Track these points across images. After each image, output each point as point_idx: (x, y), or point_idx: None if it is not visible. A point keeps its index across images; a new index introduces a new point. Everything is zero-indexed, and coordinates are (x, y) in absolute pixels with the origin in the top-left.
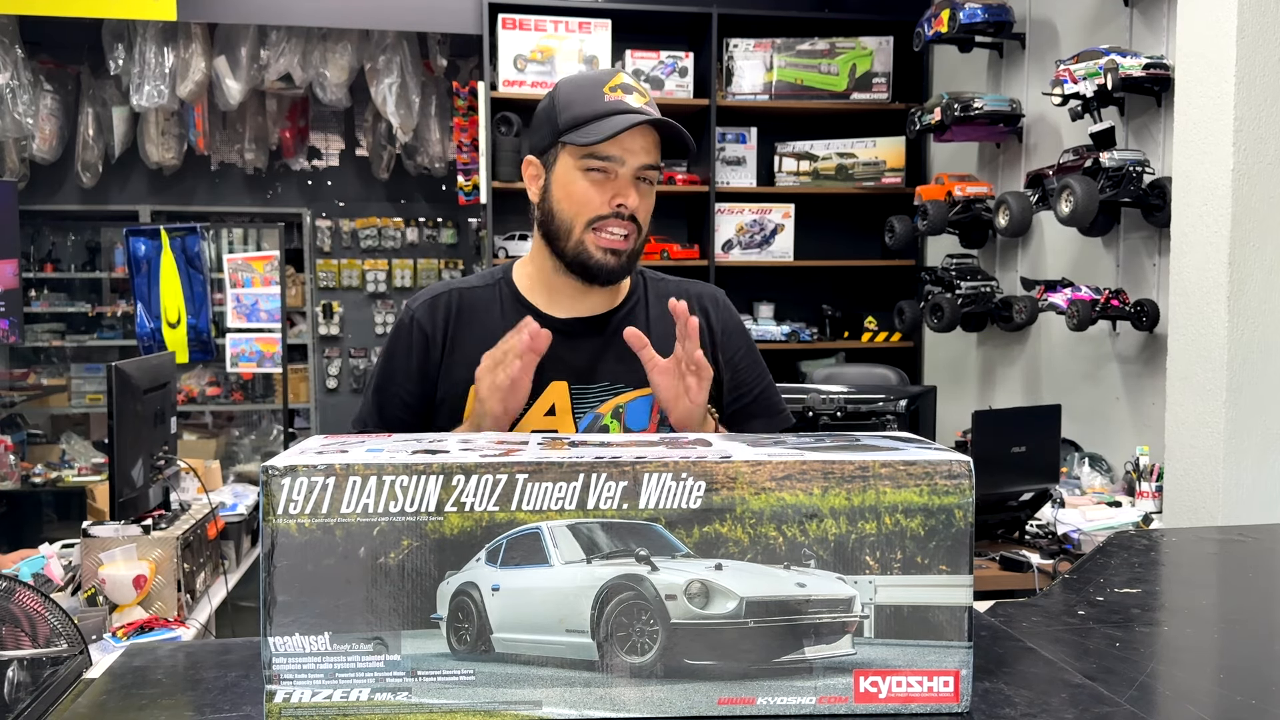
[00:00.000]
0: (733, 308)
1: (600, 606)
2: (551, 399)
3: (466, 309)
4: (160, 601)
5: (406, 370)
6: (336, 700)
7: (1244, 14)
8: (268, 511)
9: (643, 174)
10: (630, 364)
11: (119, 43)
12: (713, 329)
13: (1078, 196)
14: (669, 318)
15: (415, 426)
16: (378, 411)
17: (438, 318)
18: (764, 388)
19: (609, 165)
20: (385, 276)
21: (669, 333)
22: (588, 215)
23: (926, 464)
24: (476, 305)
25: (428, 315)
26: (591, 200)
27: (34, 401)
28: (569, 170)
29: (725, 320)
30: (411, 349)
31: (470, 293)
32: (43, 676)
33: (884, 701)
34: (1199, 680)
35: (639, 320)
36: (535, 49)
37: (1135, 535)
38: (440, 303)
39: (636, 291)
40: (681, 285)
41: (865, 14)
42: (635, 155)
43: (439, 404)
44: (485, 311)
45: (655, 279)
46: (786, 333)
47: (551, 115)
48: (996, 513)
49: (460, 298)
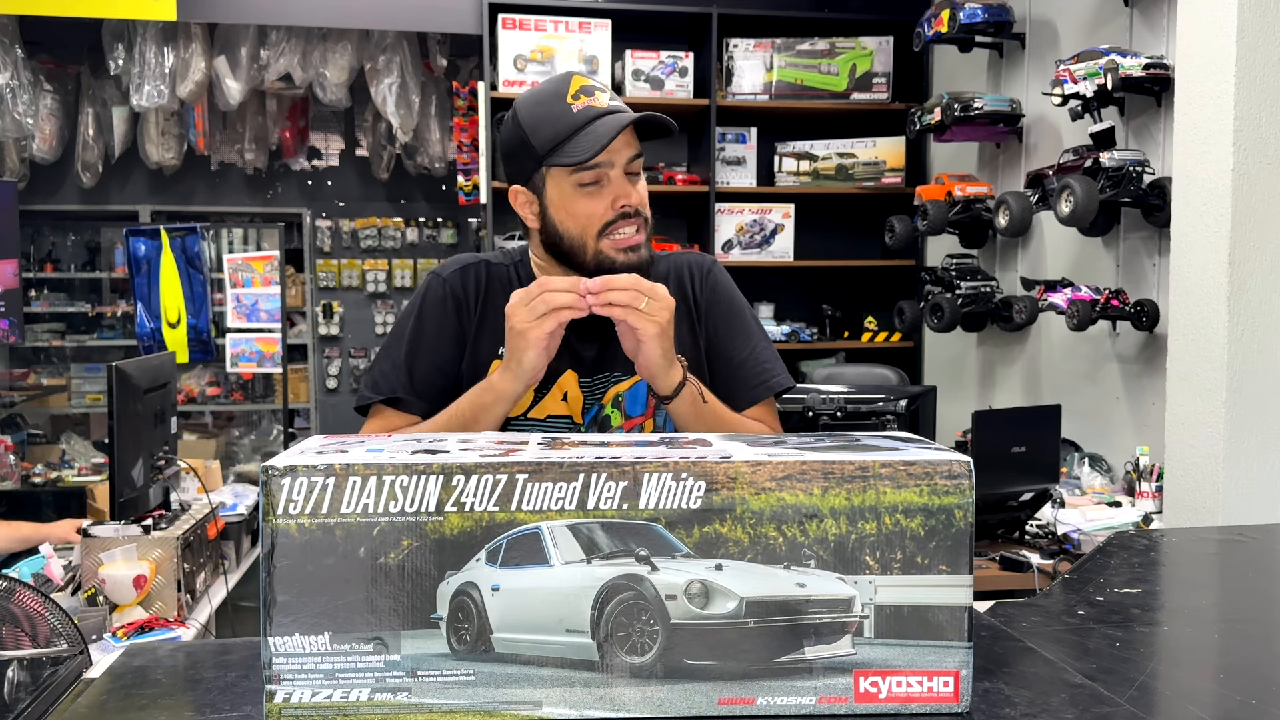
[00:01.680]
0: (720, 274)
1: (600, 606)
2: (564, 388)
3: (494, 282)
4: (160, 601)
5: (440, 333)
6: (336, 700)
7: (1244, 14)
8: (268, 511)
9: (631, 167)
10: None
11: (119, 43)
12: (695, 299)
13: (1078, 196)
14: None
15: (445, 392)
16: (408, 374)
17: (469, 286)
18: (748, 354)
19: (600, 173)
20: (385, 276)
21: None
22: (596, 227)
23: (926, 464)
24: (500, 283)
25: (460, 282)
26: (595, 212)
27: (34, 401)
28: (562, 190)
29: (711, 288)
30: (446, 313)
31: (495, 268)
32: (43, 676)
33: (884, 701)
34: (1199, 680)
35: None
36: (535, 49)
37: (1135, 535)
38: (471, 273)
39: None
40: (670, 259)
41: (865, 14)
42: (620, 153)
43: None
44: (506, 287)
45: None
46: (786, 333)
47: (524, 142)
48: (996, 513)
49: (488, 271)
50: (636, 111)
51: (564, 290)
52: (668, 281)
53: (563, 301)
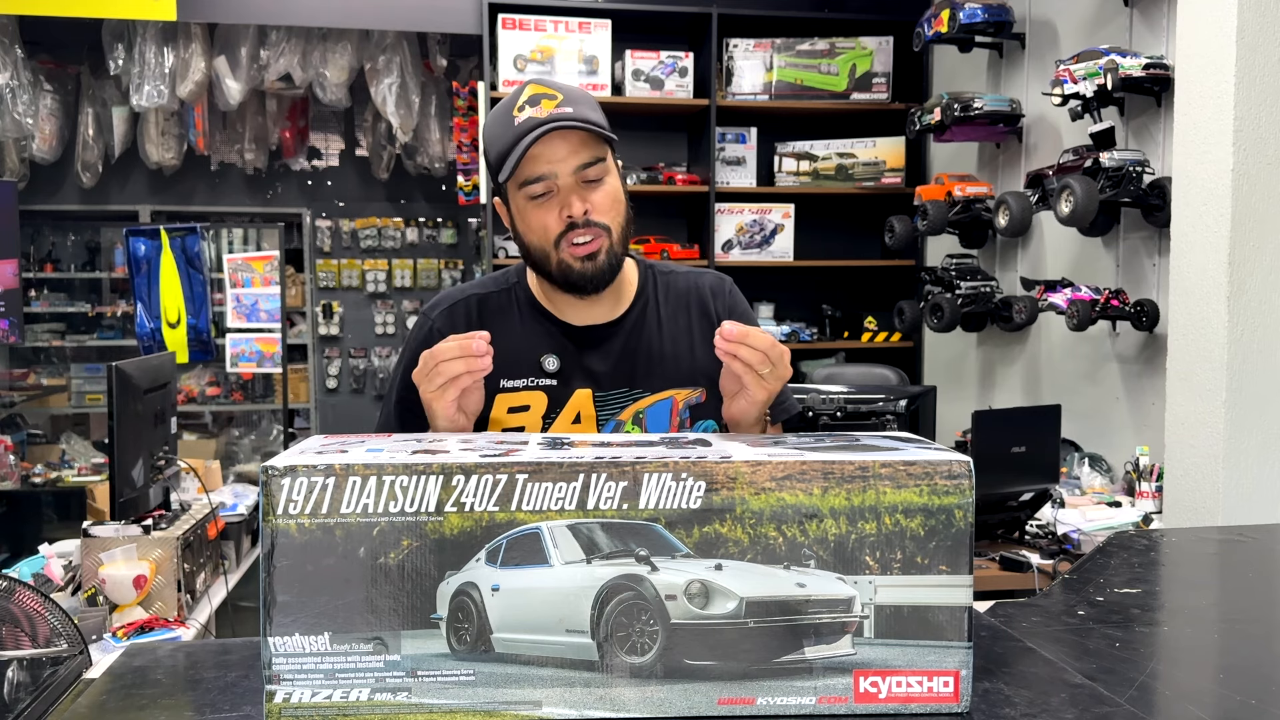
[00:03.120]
0: (739, 295)
1: (600, 606)
2: (577, 408)
3: (486, 316)
4: (160, 601)
5: None
6: (336, 700)
7: (1244, 14)
8: (268, 511)
9: (583, 175)
10: (647, 368)
11: (119, 43)
12: (717, 315)
13: (1078, 196)
14: (680, 315)
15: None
16: (400, 423)
17: (459, 323)
18: None
19: (548, 184)
20: (385, 276)
21: (681, 331)
22: (550, 239)
23: (926, 464)
24: (495, 312)
25: (448, 323)
26: (546, 223)
27: (34, 401)
28: (519, 204)
29: (730, 308)
30: None
31: (487, 299)
32: (43, 676)
33: (884, 702)
34: (1199, 680)
35: (650, 321)
36: (535, 49)
37: (1135, 535)
38: (459, 310)
39: (646, 290)
40: (689, 276)
41: (865, 14)
42: (564, 161)
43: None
44: (503, 318)
45: (664, 272)
46: (786, 333)
47: (487, 156)
48: (996, 513)
49: (479, 305)
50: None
51: (455, 358)
52: (689, 299)
53: (455, 370)
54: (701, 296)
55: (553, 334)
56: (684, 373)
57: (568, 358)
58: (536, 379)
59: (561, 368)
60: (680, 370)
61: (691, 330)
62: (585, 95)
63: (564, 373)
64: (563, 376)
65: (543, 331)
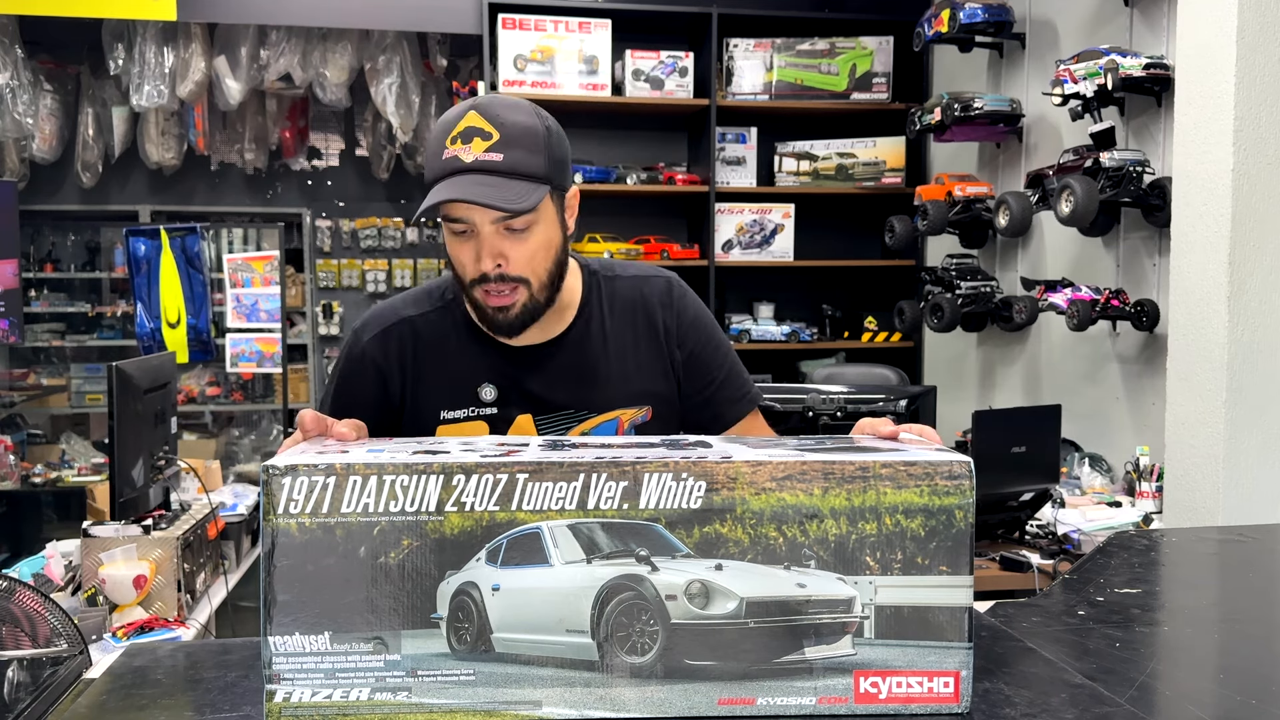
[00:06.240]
0: (689, 299)
1: (600, 607)
2: (518, 431)
3: (422, 341)
4: (160, 601)
5: (364, 403)
6: (336, 700)
7: (1244, 14)
8: (268, 511)
9: (505, 223)
10: (591, 389)
11: (119, 43)
12: (665, 328)
13: (1078, 196)
14: (626, 331)
15: None
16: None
17: (391, 351)
18: (727, 373)
19: (467, 224)
20: (385, 276)
21: (627, 347)
22: (466, 279)
23: (927, 464)
24: (431, 335)
25: (380, 349)
26: (463, 264)
27: (34, 401)
28: (446, 230)
29: (679, 314)
30: (367, 383)
31: (422, 320)
32: (43, 676)
33: (884, 702)
34: (1199, 680)
35: (595, 337)
36: (535, 49)
37: (1135, 535)
38: (393, 335)
39: (590, 303)
40: (635, 282)
41: (865, 14)
42: (484, 211)
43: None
44: (441, 341)
45: (607, 276)
46: (786, 333)
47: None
48: (996, 513)
49: (413, 328)
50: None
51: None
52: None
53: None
54: (649, 309)
55: (490, 357)
56: (630, 392)
57: (506, 382)
58: (476, 409)
59: (500, 395)
60: (627, 389)
61: (638, 345)
62: (527, 133)
63: (502, 400)
64: (501, 404)
65: (480, 354)
